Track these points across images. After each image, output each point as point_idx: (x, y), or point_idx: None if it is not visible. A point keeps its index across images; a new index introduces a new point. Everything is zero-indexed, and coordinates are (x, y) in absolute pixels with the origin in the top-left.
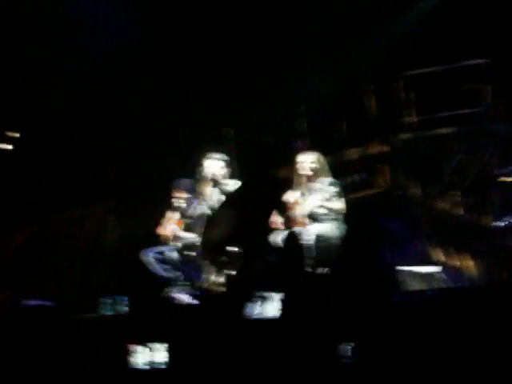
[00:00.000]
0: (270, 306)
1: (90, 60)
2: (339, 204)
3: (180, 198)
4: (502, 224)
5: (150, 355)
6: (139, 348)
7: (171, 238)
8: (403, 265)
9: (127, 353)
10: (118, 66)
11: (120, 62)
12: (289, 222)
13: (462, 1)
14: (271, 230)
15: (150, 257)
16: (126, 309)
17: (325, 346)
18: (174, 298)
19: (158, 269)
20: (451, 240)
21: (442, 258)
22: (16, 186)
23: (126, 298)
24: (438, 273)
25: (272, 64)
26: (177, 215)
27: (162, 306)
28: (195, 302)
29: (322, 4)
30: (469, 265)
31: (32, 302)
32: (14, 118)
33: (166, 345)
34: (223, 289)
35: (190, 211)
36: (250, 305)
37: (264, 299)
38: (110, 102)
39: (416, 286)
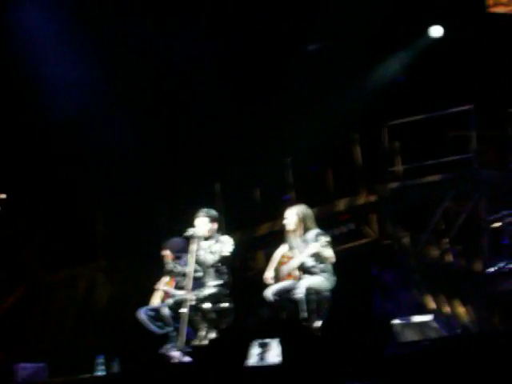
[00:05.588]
0: (268, 354)
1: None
2: (328, 254)
3: (170, 258)
4: (493, 269)
5: None
6: None
7: (163, 296)
8: (396, 314)
9: None
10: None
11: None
12: (279, 276)
13: (443, 48)
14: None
15: (143, 315)
16: (118, 368)
17: None
18: (168, 357)
19: (152, 326)
20: (442, 287)
21: (434, 305)
22: (6, 247)
23: (118, 358)
24: (430, 321)
25: (258, 117)
26: (166, 278)
27: (156, 364)
28: (187, 359)
29: (307, 56)
30: (460, 312)
31: (24, 365)
32: (1, 179)
33: None
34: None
35: (180, 269)
36: (247, 354)
37: (262, 347)
38: (99, 160)
39: (409, 336)
